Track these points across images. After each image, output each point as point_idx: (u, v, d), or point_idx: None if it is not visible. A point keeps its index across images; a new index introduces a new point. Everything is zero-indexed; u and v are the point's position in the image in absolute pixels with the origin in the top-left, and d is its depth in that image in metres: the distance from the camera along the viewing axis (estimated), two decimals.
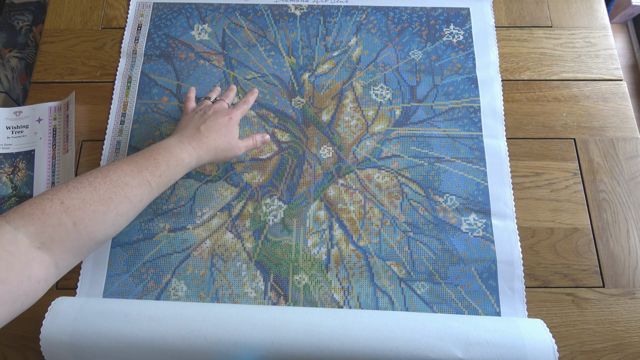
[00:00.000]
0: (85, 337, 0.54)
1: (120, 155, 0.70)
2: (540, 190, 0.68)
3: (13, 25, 1.02)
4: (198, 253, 0.65)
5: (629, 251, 0.64)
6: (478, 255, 0.64)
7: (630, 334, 0.60)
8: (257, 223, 0.66)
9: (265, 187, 0.68)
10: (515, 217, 0.66)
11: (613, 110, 0.73)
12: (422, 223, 0.66)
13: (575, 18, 0.80)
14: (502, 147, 0.70)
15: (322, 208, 0.67)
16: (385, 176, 0.69)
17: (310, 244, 0.65)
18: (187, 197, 0.68)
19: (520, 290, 0.63)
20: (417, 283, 0.63)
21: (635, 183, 0.68)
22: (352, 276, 0.63)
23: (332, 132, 0.71)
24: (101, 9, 0.81)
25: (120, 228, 0.52)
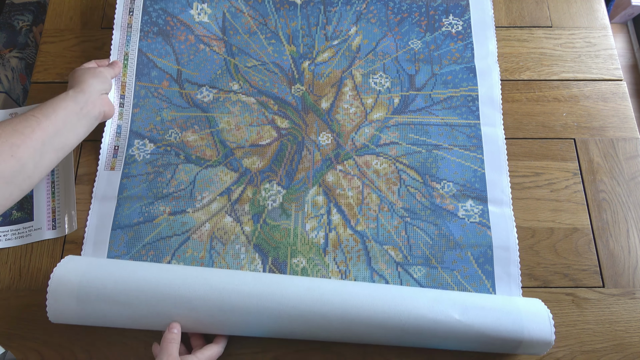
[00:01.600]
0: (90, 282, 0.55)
1: (121, 141, 0.71)
2: (540, 190, 0.68)
3: (13, 25, 1.02)
4: (197, 236, 0.65)
5: (629, 251, 0.64)
6: (474, 241, 0.65)
7: (630, 334, 0.60)
8: (256, 207, 0.67)
9: (264, 173, 0.69)
10: (515, 217, 0.66)
11: (613, 110, 0.73)
12: (419, 209, 0.67)
13: (575, 18, 0.80)
14: (500, 135, 0.71)
15: (321, 193, 0.68)
16: (383, 163, 0.69)
17: (308, 228, 0.66)
18: (187, 181, 0.69)
19: (516, 275, 0.63)
20: (413, 267, 0.64)
21: (635, 183, 0.68)
22: (349, 260, 0.64)
23: (331, 119, 0.72)
24: (101, 9, 0.80)
25: (28, 163, 0.52)
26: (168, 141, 0.71)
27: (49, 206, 0.67)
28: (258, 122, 0.72)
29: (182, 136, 0.71)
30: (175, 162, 0.70)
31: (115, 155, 0.70)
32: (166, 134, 0.71)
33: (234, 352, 0.59)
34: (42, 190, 0.68)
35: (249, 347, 0.59)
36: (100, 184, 0.68)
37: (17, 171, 0.51)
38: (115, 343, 0.60)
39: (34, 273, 0.64)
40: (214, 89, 0.74)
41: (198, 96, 0.73)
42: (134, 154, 0.70)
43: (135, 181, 0.68)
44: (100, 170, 0.69)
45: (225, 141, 0.71)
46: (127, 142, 0.71)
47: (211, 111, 0.73)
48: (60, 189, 0.68)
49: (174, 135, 0.71)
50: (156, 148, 0.70)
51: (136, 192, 0.68)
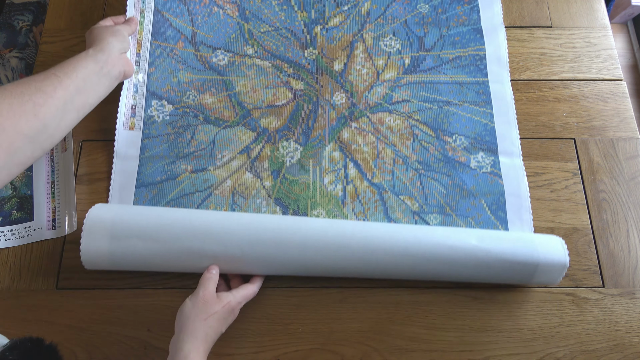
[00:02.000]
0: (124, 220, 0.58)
1: (138, 99, 0.73)
2: (540, 190, 0.68)
3: (13, 25, 1.02)
4: (219, 192, 0.68)
5: (629, 251, 0.64)
6: (487, 189, 0.67)
7: (630, 334, 0.60)
8: (275, 164, 0.69)
9: (281, 131, 0.71)
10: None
11: (613, 110, 0.73)
12: (433, 161, 0.69)
13: (575, 18, 0.79)
14: (508, 92, 0.73)
15: (337, 149, 0.70)
16: (396, 119, 0.72)
17: (326, 182, 0.68)
18: (207, 141, 0.71)
19: (528, 220, 0.66)
20: (429, 215, 0.66)
21: (635, 183, 0.68)
22: (367, 210, 0.66)
23: (344, 80, 0.74)
24: (101, 9, 0.80)
25: (50, 122, 0.52)
26: (186, 103, 0.73)
27: (49, 206, 0.67)
28: (273, 85, 0.74)
29: (200, 98, 0.73)
30: (195, 123, 0.72)
31: (133, 114, 0.72)
32: (184, 95, 0.73)
33: (234, 352, 0.59)
34: (42, 190, 0.68)
35: (249, 347, 0.60)
36: (120, 144, 0.70)
37: (40, 131, 0.51)
38: (115, 343, 0.60)
39: (34, 273, 0.63)
40: (229, 53, 0.76)
41: (213, 59, 0.76)
42: (153, 114, 0.72)
43: (156, 142, 0.70)
44: (119, 129, 0.71)
45: (243, 103, 0.73)
46: (145, 102, 0.72)
47: (227, 74, 0.75)
48: (60, 189, 0.68)
49: (192, 97, 0.73)
50: (175, 110, 0.72)
51: (158, 152, 0.70)
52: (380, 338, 0.60)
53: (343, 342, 0.60)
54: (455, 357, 0.59)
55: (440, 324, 0.61)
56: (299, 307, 0.61)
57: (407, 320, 0.61)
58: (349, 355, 0.59)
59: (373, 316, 0.61)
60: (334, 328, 0.61)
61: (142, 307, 0.61)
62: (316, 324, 0.61)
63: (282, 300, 0.62)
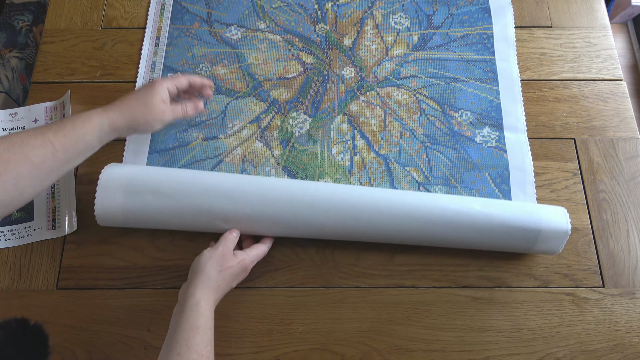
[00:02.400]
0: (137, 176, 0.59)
1: (155, 74, 0.75)
2: (541, 190, 0.67)
3: (13, 25, 1.02)
4: (230, 159, 0.69)
5: (629, 251, 0.64)
6: (492, 163, 0.69)
7: (630, 334, 0.60)
8: (284, 134, 0.71)
9: (291, 103, 0.73)
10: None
11: (613, 110, 0.72)
12: (439, 135, 0.71)
13: (575, 18, 0.79)
14: (514, 70, 0.75)
15: (345, 121, 0.72)
16: (404, 94, 0.73)
17: (334, 152, 0.70)
18: (218, 110, 0.72)
19: (532, 193, 0.67)
20: (434, 187, 0.68)
21: (635, 183, 0.68)
22: (373, 180, 0.68)
23: (353, 55, 0.76)
24: (101, 9, 0.80)
25: (28, 192, 0.50)
26: (199, 75, 0.75)
27: (49, 206, 0.67)
28: (284, 58, 0.76)
29: (213, 70, 0.75)
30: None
31: None
32: (197, 68, 0.75)
33: (234, 352, 0.59)
34: None
35: (248, 347, 0.60)
36: None
37: (15, 198, 0.49)
38: (115, 343, 0.60)
39: (34, 273, 0.63)
40: (241, 28, 0.78)
41: (227, 34, 0.77)
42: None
43: None
44: None
45: (254, 74, 0.75)
46: (161, 75, 0.74)
47: (239, 47, 0.76)
48: (60, 189, 0.68)
49: (205, 69, 0.75)
50: None
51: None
52: (380, 338, 0.60)
53: (343, 342, 0.60)
54: (455, 357, 0.59)
55: (440, 324, 0.61)
56: (299, 307, 0.61)
57: (407, 320, 0.61)
58: (349, 355, 0.59)
59: (373, 316, 0.61)
60: (333, 328, 0.60)
61: (142, 307, 0.61)
62: (316, 324, 0.61)
63: (282, 300, 0.62)
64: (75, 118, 0.54)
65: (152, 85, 0.60)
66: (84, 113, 0.55)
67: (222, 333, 0.59)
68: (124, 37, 0.78)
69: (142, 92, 0.59)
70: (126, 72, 0.76)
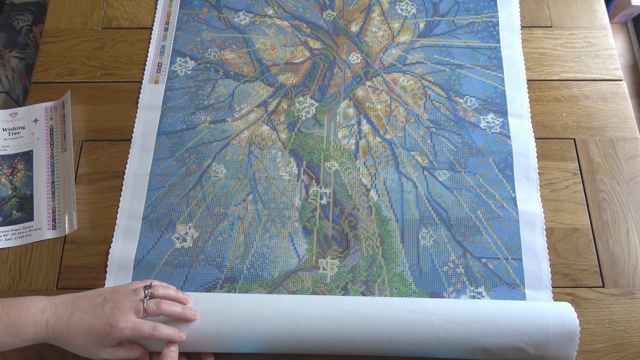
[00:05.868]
0: None
1: (164, 58, 0.76)
2: (541, 190, 0.68)
3: (13, 25, 1.02)
4: (237, 142, 0.70)
5: (629, 251, 0.64)
6: (496, 148, 0.69)
7: (630, 334, 0.60)
8: (291, 118, 0.72)
9: (298, 88, 0.74)
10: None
11: (613, 110, 0.72)
12: (444, 120, 0.71)
13: (575, 18, 0.79)
14: (519, 58, 0.75)
15: (351, 106, 0.72)
16: (409, 80, 0.74)
17: (340, 136, 0.71)
18: (226, 94, 0.73)
19: (534, 179, 0.68)
20: (438, 171, 0.68)
21: (635, 183, 0.68)
22: (378, 164, 0.69)
23: (360, 41, 0.77)
24: (101, 9, 0.80)
25: None
26: (208, 59, 0.76)
27: (49, 206, 0.67)
28: (292, 43, 0.77)
29: (221, 54, 0.76)
30: (215, 78, 0.74)
31: (159, 70, 0.75)
32: (206, 52, 0.76)
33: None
34: (42, 190, 0.68)
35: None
36: (145, 95, 0.73)
37: None
38: None
39: (34, 273, 0.63)
40: (250, 14, 0.79)
41: (235, 19, 0.78)
42: (176, 69, 0.75)
43: (178, 94, 0.73)
44: (145, 83, 0.74)
45: (262, 59, 0.76)
46: (170, 59, 0.75)
47: (248, 33, 0.77)
48: (60, 189, 0.68)
49: (213, 53, 0.76)
50: (197, 65, 0.75)
51: (179, 103, 0.73)
52: None
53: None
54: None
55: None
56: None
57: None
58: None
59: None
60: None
61: None
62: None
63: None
64: (13, 324, 0.50)
65: (110, 330, 0.50)
66: (30, 316, 0.50)
67: None
68: (124, 37, 0.78)
69: (93, 338, 0.51)
70: (126, 72, 0.76)
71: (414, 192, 0.67)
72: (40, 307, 0.51)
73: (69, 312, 0.51)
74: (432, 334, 0.54)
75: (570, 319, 0.54)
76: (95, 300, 0.52)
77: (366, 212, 0.66)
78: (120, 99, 0.74)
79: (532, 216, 0.66)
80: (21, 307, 0.50)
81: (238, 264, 0.64)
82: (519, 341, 0.54)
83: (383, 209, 0.66)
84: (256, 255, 0.64)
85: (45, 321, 0.51)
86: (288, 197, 0.67)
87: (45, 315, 0.51)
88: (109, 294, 0.53)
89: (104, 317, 0.51)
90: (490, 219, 0.65)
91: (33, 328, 0.50)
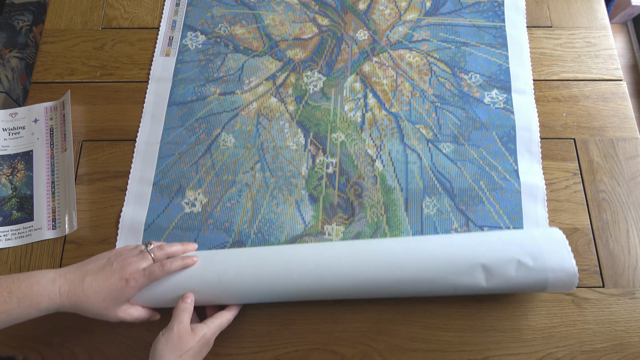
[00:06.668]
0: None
1: (176, 33, 0.78)
2: None
3: (13, 25, 1.03)
4: (245, 112, 0.72)
5: (629, 251, 0.64)
6: (499, 123, 0.71)
7: (630, 334, 0.60)
8: (299, 91, 0.73)
9: (306, 62, 0.75)
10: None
11: (613, 110, 0.72)
12: (449, 95, 0.73)
13: (575, 18, 0.79)
14: (523, 37, 0.77)
15: (358, 81, 0.74)
16: (415, 56, 0.76)
17: (347, 109, 0.72)
18: (235, 68, 0.75)
19: (537, 153, 0.69)
20: (443, 144, 0.70)
21: (635, 183, 0.68)
22: (384, 136, 0.70)
23: (367, 18, 0.78)
24: (101, 9, 0.80)
25: None
26: (218, 34, 0.77)
27: (49, 206, 0.67)
28: (300, 20, 0.79)
29: (231, 30, 0.78)
30: (225, 52, 0.76)
31: (170, 44, 0.77)
32: (216, 27, 0.78)
33: (234, 352, 0.59)
34: (42, 190, 0.68)
35: (249, 347, 0.59)
36: (156, 68, 0.75)
37: None
38: (115, 343, 0.59)
39: None
40: None
41: None
42: (187, 44, 0.77)
43: (188, 66, 0.75)
44: (156, 56, 0.76)
45: (271, 35, 0.77)
46: (181, 34, 0.77)
47: (257, 9, 0.79)
48: (60, 189, 0.68)
49: (223, 28, 0.78)
50: (207, 39, 0.77)
51: (189, 75, 0.75)
52: (380, 338, 0.60)
53: (343, 342, 0.59)
54: (456, 357, 0.59)
55: (440, 324, 0.60)
56: (299, 307, 0.61)
57: (407, 320, 0.60)
58: (349, 355, 0.59)
59: (373, 316, 0.61)
60: (334, 328, 0.60)
61: None
62: (316, 324, 0.60)
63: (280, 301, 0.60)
64: (25, 295, 0.50)
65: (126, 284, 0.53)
66: (41, 287, 0.51)
67: (222, 333, 0.58)
68: (124, 37, 0.78)
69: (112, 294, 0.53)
70: (126, 72, 0.76)
71: (419, 163, 0.69)
72: (50, 277, 0.52)
73: (79, 277, 0.52)
74: (431, 256, 0.56)
75: (553, 229, 0.58)
76: (100, 262, 0.54)
77: (371, 181, 0.68)
78: (120, 99, 0.74)
79: (533, 188, 0.67)
80: (31, 280, 0.51)
81: (246, 228, 0.65)
82: (514, 252, 0.55)
83: (388, 178, 0.68)
84: (263, 221, 0.65)
85: (57, 289, 0.51)
86: (295, 166, 0.69)
87: (57, 284, 0.52)
88: (112, 255, 0.55)
89: (116, 274, 0.53)
90: (493, 190, 0.67)
91: (46, 298, 0.51)
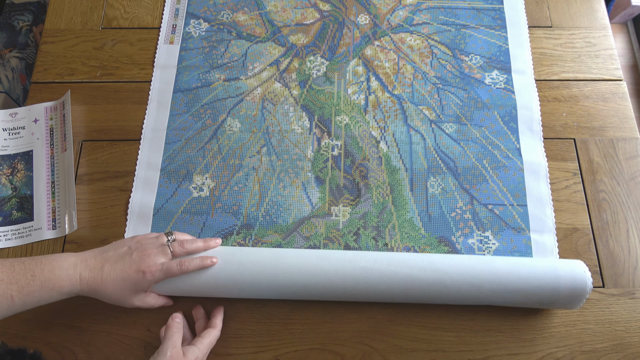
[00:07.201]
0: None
1: (179, 20, 0.78)
2: None
3: (13, 25, 1.02)
4: (250, 98, 0.73)
5: (629, 251, 0.64)
6: (500, 102, 0.72)
7: (630, 334, 0.60)
8: (302, 75, 0.74)
9: (309, 47, 0.76)
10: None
11: (613, 110, 0.72)
12: (450, 77, 0.74)
13: (575, 18, 0.79)
14: (522, 18, 0.78)
15: (360, 64, 0.75)
16: (416, 39, 0.77)
17: (350, 92, 0.73)
18: (239, 54, 0.76)
19: (538, 131, 0.70)
20: (445, 124, 0.71)
21: (635, 183, 0.68)
22: (387, 118, 0.71)
23: (368, 3, 0.79)
24: (101, 9, 0.80)
25: None
26: (221, 21, 0.78)
27: (49, 206, 0.67)
28: (302, 5, 0.79)
29: (234, 16, 0.78)
30: (228, 38, 0.77)
31: (174, 32, 0.77)
32: (218, 14, 0.79)
33: (234, 352, 0.59)
34: (42, 190, 0.68)
35: (248, 347, 0.59)
36: (160, 55, 0.76)
37: None
38: (115, 343, 0.60)
39: None
40: None
41: None
42: (190, 31, 0.77)
43: (192, 53, 0.76)
44: (161, 44, 0.76)
45: (273, 21, 0.78)
46: (184, 21, 0.78)
47: None
48: (60, 189, 0.68)
49: (226, 15, 0.78)
50: (210, 26, 0.78)
51: (194, 62, 0.75)
52: (380, 338, 0.60)
53: (343, 342, 0.60)
54: (456, 357, 0.59)
55: (440, 324, 0.60)
56: (299, 307, 0.61)
57: (407, 320, 0.61)
58: (349, 355, 0.59)
59: (373, 316, 0.61)
60: (334, 328, 0.60)
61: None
62: (316, 324, 0.61)
63: (282, 300, 0.61)
64: (48, 279, 0.51)
65: (144, 277, 0.54)
66: (63, 272, 0.52)
67: (222, 333, 0.59)
68: (124, 37, 0.78)
69: (129, 285, 0.54)
70: (126, 72, 0.76)
71: (422, 144, 0.70)
72: (71, 262, 0.53)
73: (99, 264, 0.54)
74: (444, 292, 0.57)
75: (581, 278, 0.56)
76: (120, 251, 0.55)
77: (376, 162, 0.69)
78: (120, 99, 0.74)
79: (536, 165, 0.68)
80: (53, 264, 0.52)
81: (254, 211, 0.66)
82: (529, 302, 0.58)
83: (392, 159, 0.69)
84: (271, 204, 0.66)
85: (78, 275, 0.53)
86: (300, 149, 0.70)
87: (78, 269, 0.53)
88: (133, 243, 0.56)
89: (134, 265, 0.54)
90: (496, 168, 0.68)
91: (67, 282, 0.52)
